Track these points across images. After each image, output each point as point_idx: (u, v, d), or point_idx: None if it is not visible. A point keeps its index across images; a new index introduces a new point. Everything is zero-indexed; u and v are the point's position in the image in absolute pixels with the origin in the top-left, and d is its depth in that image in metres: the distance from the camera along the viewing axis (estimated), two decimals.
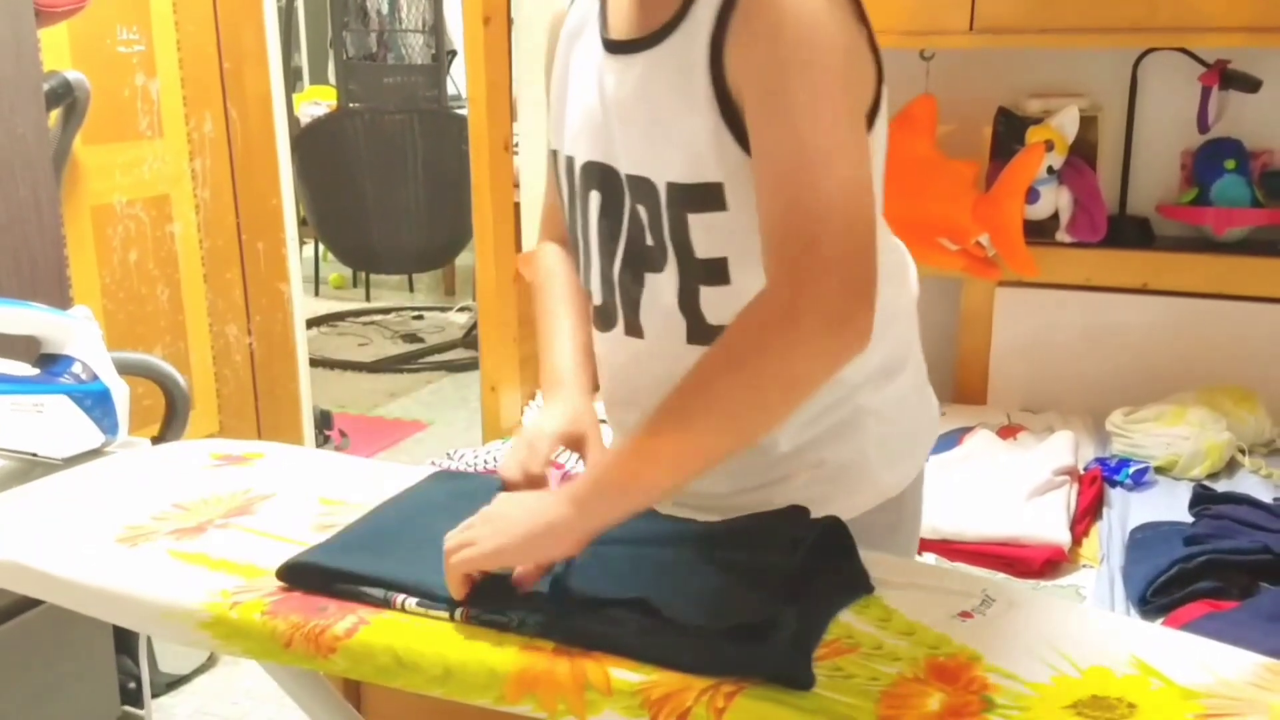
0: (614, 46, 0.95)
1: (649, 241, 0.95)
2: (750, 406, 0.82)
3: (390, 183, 3.86)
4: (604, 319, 1.01)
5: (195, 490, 1.05)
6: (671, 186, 0.92)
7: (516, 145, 3.55)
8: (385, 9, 3.63)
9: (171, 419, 1.82)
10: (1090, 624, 0.87)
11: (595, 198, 0.99)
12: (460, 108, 3.45)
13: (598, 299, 1.01)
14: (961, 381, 2.09)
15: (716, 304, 0.93)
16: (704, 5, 0.88)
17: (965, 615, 0.85)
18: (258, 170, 2.35)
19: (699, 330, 0.95)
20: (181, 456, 1.16)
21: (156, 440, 1.77)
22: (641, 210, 0.95)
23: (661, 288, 0.95)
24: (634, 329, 0.98)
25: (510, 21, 3.02)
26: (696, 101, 0.89)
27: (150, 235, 2.15)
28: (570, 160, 1.00)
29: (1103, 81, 1.98)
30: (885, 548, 0.95)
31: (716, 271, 0.93)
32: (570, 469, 1.88)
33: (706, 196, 0.91)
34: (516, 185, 3.54)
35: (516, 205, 3.44)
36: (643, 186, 0.94)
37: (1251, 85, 1.88)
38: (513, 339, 1.91)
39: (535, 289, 1.10)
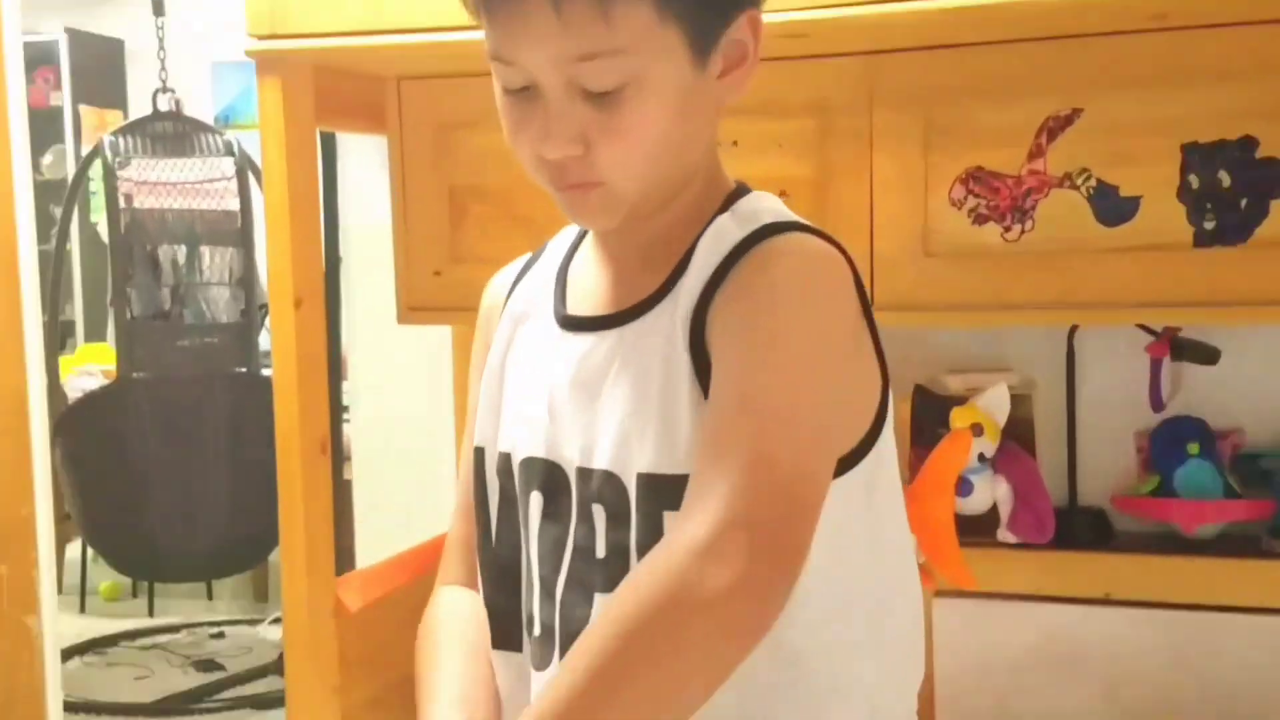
0: (573, 322, 1.06)
1: (600, 553, 1.01)
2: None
3: (182, 467, 3.85)
4: (541, 654, 1.04)
5: None
6: (645, 480, 0.98)
7: (347, 409, 3.60)
8: (182, 259, 3.72)
9: None
10: None
11: (536, 500, 1.05)
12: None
13: (537, 629, 1.05)
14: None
15: None
16: (693, 273, 1.01)
17: None
18: (5, 476, 2.34)
19: None
20: None
21: None
22: (597, 512, 1.01)
23: None
24: (546, 664, 1.04)
25: (337, 298, 3.15)
26: (676, 380, 0.98)
27: None
28: (505, 457, 1.08)
29: (1034, 354, 2.13)
30: None
31: None
32: None
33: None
34: (348, 459, 3.57)
35: (346, 483, 3.45)
36: (599, 481, 1.01)
37: (1208, 356, 2.02)
38: (331, 688, 1.88)
39: (423, 641, 1.15)
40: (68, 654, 4.12)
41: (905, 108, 1.81)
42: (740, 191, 1.09)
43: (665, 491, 0.96)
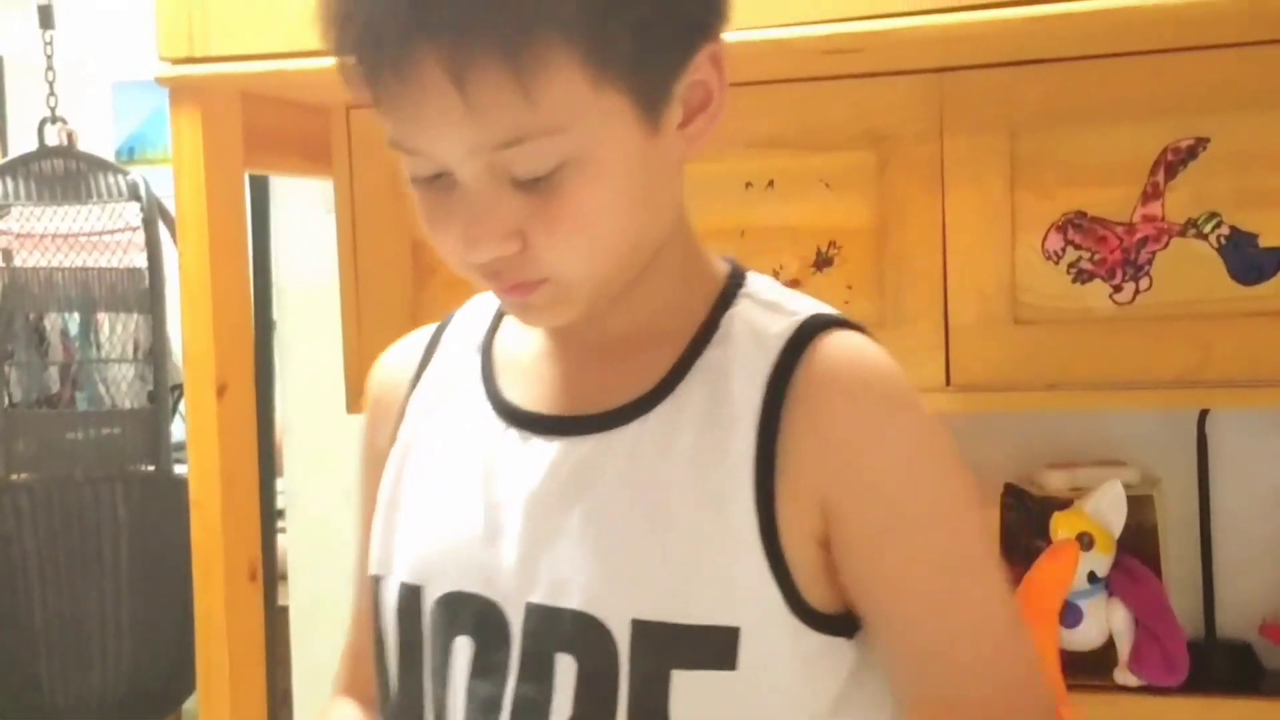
0: (531, 421, 1.08)
1: (562, 715, 1.01)
2: None
3: (75, 591, 3.83)
4: None
5: None
6: (645, 628, 1.00)
7: (282, 514, 3.58)
8: (74, 330, 3.72)
9: None
10: None
11: (464, 646, 1.06)
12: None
13: None
14: None
15: None
16: (722, 372, 1.05)
17: None
18: None
19: None
20: None
21: None
22: (562, 664, 1.02)
23: None
24: None
25: (270, 376, 3.15)
26: (721, 515, 1.01)
27: None
28: (413, 591, 1.09)
29: (1155, 444, 2.13)
30: None
31: None
32: None
33: (708, 646, 1.00)
34: (283, 578, 3.55)
35: (281, 610, 3.43)
36: (569, 625, 1.01)
37: None
38: None
39: None
40: None
41: (985, 136, 1.82)
42: (740, 269, 1.13)
43: (676, 646, 0.99)
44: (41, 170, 3.67)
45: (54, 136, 3.71)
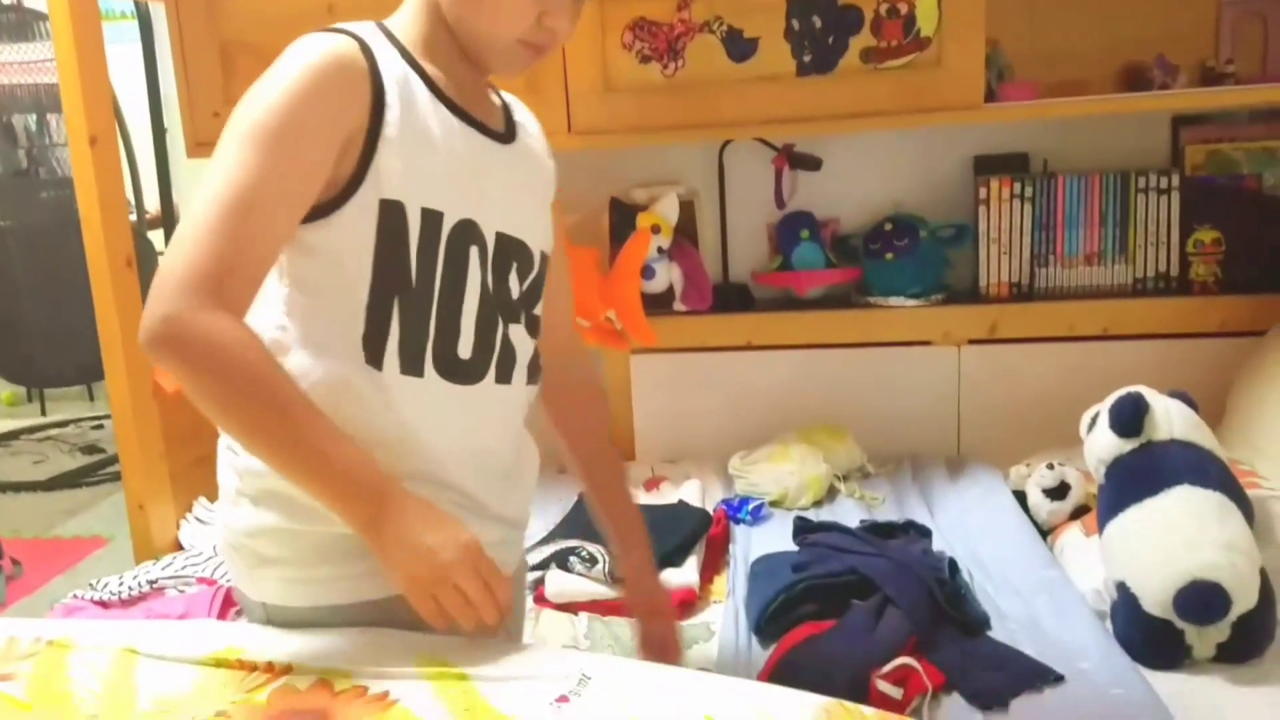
0: (495, 135, 0.99)
1: (514, 296, 0.99)
2: None
3: (52, 297, 3.46)
4: (471, 373, 0.96)
5: None
6: (543, 255, 1.02)
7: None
8: (33, 126, 3.27)
9: None
10: (674, 687, 0.83)
11: (475, 254, 0.95)
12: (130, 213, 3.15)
13: (466, 353, 0.95)
14: (614, 442, 2.07)
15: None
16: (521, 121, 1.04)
17: (562, 700, 0.80)
18: None
19: (533, 371, 1.04)
20: None
21: None
22: (515, 268, 0.98)
23: (523, 337, 1.01)
24: (504, 378, 0.99)
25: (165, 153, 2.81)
26: (549, 195, 1.05)
27: None
28: (435, 215, 0.91)
29: (695, 170, 2.06)
30: None
31: (538, 324, 1.05)
32: None
33: (547, 265, 1.05)
34: None
35: None
36: (521, 250, 0.99)
37: (814, 164, 2.00)
38: (158, 455, 1.71)
39: (252, 376, 0.82)
40: None
41: None
42: None
43: (546, 264, 1.05)
44: (4, 20, 3.21)
45: None
